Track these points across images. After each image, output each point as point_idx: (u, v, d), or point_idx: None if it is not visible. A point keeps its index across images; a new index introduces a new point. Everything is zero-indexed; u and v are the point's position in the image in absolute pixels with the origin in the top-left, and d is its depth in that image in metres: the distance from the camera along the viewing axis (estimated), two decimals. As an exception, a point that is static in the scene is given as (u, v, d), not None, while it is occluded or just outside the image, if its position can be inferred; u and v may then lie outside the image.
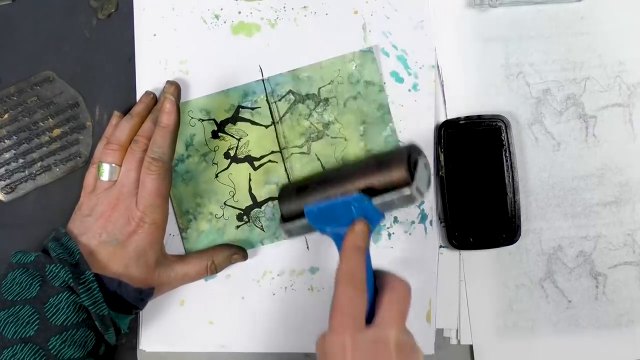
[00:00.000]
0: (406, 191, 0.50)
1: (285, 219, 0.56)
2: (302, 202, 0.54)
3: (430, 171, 0.53)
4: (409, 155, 0.51)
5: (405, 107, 0.63)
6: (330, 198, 0.52)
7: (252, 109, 0.64)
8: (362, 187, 0.51)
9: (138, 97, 0.63)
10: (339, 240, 0.52)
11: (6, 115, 0.64)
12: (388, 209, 0.51)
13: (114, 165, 0.59)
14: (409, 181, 0.50)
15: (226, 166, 0.64)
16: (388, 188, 0.51)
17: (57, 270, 0.54)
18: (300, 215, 0.54)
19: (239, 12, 0.64)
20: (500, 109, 0.63)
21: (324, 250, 0.64)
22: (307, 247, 0.64)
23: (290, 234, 0.56)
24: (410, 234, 0.64)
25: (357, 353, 0.46)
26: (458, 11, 0.64)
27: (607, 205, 0.64)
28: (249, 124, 0.64)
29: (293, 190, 0.56)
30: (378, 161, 0.52)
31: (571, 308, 0.64)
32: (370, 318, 0.49)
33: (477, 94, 0.64)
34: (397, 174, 0.50)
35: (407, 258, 0.63)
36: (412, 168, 0.50)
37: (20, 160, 0.64)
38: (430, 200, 0.63)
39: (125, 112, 0.62)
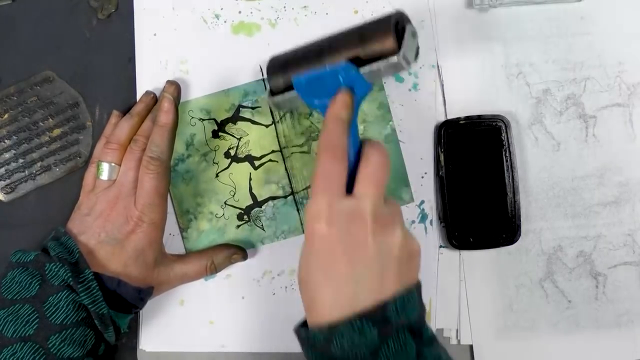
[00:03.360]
0: (393, 59, 0.49)
1: (273, 92, 0.55)
2: (290, 75, 0.53)
3: (417, 39, 0.51)
4: (396, 23, 0.50)
5: (405, 106, 0.63)
6: (318, 69, 0.51)
7: (253, 108, 0.64)
8: (350, 57, 0.50)
9: (138, 97, 0.63)
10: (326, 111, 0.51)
11: (6, 115, 0.64)
12: (376, 78, 0.50)
13: (113, 164, 0.59)
14: (396, 49, 0.49)
15: (226, 166, 0.64)
16: (376, 57, 0.50)
17: (56, 269, 0.54)
18: (288, 88, 0.54)
19: (240, 12, 0.64)
20: (500, 109, 0.63)
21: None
22: (307, 247, 0.64)
23: (279, 106, 0.56)
24: (410, 234, 0.64)
25: (333, 219, 0.46)
26: (458, 11, 0.64)
27: (607, 205, 0.64)
28: (249, 123, 0.64)
29: (281, 63, 0.55)
30: (365, 30, 0.51)
31: (571, 308, 0.64)
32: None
33: (477, 94, 0.64)
34: (384, 42, 0.49)
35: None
36: (399, 36, 0.50)
37: (20, 160, 0.64)
38: (430, 200, 0.64)
39: (125, 111, 0.63)
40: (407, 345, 0.45)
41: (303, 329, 0.48)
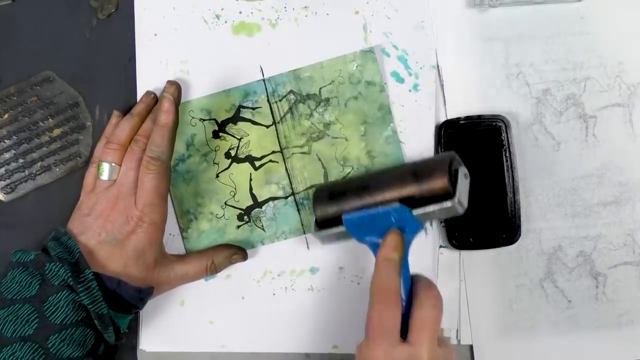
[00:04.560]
0: (448, 204, 0.49)
1: (319, 224, 0.56)
2: (339, 209, 0.54)
3: (469, 181, 0.52)
4: (450, 165, 0.50)
5: (405, 107, 0.63)
6: (370, 207, 0.52)
7: (253, 108, 0.64)
8: (402, 197, 0.51)
9: (139, 97, 0.63)
10: (376, 250, 0.52)
11: (6, 115, 0.64)
12: (428, 219, 0.51)
13: (113, 164, 0.59)
14: (450, 192, 0.49)
15: (227, 166, 0.64)
16: (427, 197, 0.50)
17: (56, 269, 0.54)
18: (335, 221, 0.54)
19: (240, 12, 0.64)
20: (500, 109, 0.63)
21: (324, 250, 0.63)
22: (307, 247, 0.64)
23: (326, 241, 0.56)
24: (410, 234, 0.64)
25: None
26: (458, 11, 0.64)
27: (607, 205, 0.64)
28: (249, 123, 0.64)
29: (327, 195, 0.56)
30: (418, 170, 0.52)
31: (571, 308, 0.64)
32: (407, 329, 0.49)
33: (477, 94, 0.64)
34: (439, 184, 0.50)
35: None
36: (453, 178, 0.50)
37: (20, 160, 0.64)
38: (430, 201, 0.64)
39: (125, 112, 0.63)
40: None
41: None
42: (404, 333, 0.49)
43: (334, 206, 0.54)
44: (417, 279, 0.52)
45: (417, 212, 0.50)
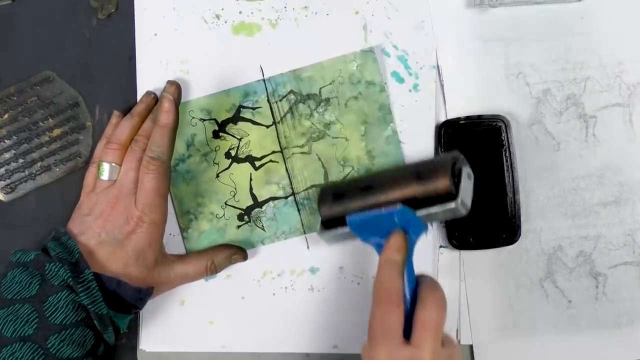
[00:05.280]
0: (451, 205, 0.49)
1: (324, 225, 0.56)
2: (343, 210, 0.54)
3: (472, 181, 0.52)
4: (453, 165, 0.50)
5: (406, 107, 0.63)
6: (374, 208, 0.52)
7: (253, 108, 0.64)
8: (405, 197, 0.51)
9: (139, 97, 0.63)
10: (380, 250, 0.51)
11: (6, 115, 0.64)
12: (431, 220, 0.51)
13: (114, 164, 0.59)
14: (453, 192, 0.50)
15: (227, 166, 0.64)
16: (431, 198, 0.50)
17: (56, 269, 0.54)
18: (339, 221, 0.54)
19: (240, 12, 0.64)
20: (500, 109, 0.63)
21: (324, 250, 0.64)
22: (307, 247, 0.64)
23: (331, 241, 0.56)
24: (410, 234, 0.64)
25: None
26: (458, 11, 0.64)
27: (607, 205, 0.64)
28: (250, 123, 0.64)
29: (331, 195, 0.56)
30: (421, 170, 0.52)
31: (571, 308, 0.64)
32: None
33: (477, 94, 0.64)
34: (442, 185, 0.50)
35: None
36: (456, 179, 0.50)
37: (20, 160, 0.64)
38: (430, 201, 0.64)
39: (126, 112, 0.62)
40: None
41: None
42: (409, 333, 0.48)
43: (339, 207, 0.55)
44: (422, 280, 0.51)
45: (420, 213, 0.50)
